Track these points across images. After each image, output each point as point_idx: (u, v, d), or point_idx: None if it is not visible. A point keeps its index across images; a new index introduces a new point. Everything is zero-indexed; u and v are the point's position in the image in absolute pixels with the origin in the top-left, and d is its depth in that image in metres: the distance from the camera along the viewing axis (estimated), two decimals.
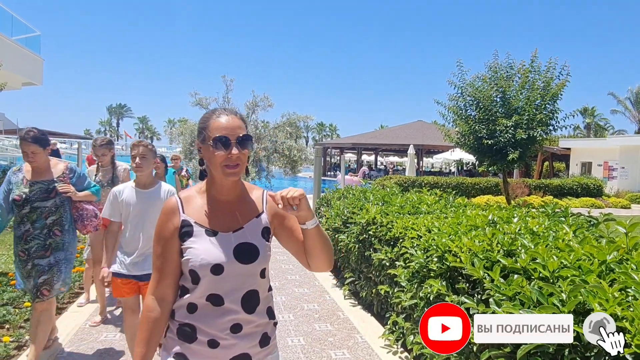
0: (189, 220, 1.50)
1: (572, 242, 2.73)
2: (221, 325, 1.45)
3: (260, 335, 1.53)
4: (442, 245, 3.16)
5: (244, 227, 1.52)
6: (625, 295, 1.90)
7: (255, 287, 1.51)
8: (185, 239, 1.48)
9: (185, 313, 1.48)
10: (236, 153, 1.44)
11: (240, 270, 1.47)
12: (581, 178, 21.58)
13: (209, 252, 1.45)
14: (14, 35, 14.45)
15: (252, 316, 1.49)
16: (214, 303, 1.46)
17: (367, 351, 3.87)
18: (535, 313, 1.99)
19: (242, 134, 1.47)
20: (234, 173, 1.46)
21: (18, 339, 3.78)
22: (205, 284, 1.45)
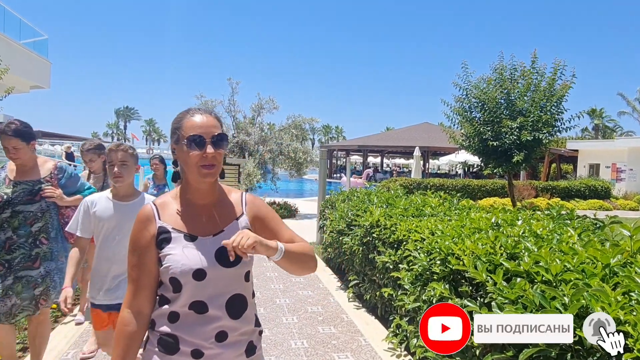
0: (165, 227, 1.44)
1: (576, 245, 2.71)
2: (205, 334, 1.39)
3: (246, 344, 1.47)
4: (445, 248, 3.14)
5: (225, 229, 1.46)
6: (628, 299, 1.89)
7: (240, 291, 1.46)
8: (164, 246, 1.42)
9: (167, 323, 1.41)
10: (211, 152, 1.39)
11: (223, 274, 1.41)
12: (589, 180, 21.42)
13: (189, 257, 1.39)
14: (22, 39, 14.61)
15: (237, 322, 1.44)
16: (198, 311, 1.39)
17: (371, 354, 3.85)
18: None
19: (217, 132, 1.43)
20: (210, 173, 1.41)
21: (23, 341, 3.81)
22: (188, 291, 1.38)
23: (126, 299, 1.46)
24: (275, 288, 5.72)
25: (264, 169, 13.65)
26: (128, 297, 1.45)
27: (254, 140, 13.29)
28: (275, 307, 5.01)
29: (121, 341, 1.42)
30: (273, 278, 6.18)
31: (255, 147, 13.43)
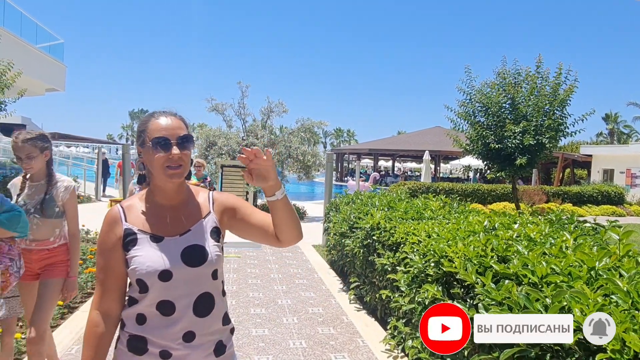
0: (132, 229, 1.44)
1: (568, 250, 2.74)
2: (173, 335, 1.39)
3: (214, 344, 1.46)
4: (439, 251, 3.18)
5: (191, 229, 1.46)
6: (608, 302, 1.91)
7: (208, 290, 1.45)
8: (130, 248, 1.42)
9: (134, 324, 1.42)
10: (177, 153, 1.40)
11: (190, 274, 1.41)
12: (602, 185, 21.13)
13: (154, 258, 1.39)
14: (38, 43, 14.94)
15: (204, 320, 1.43)
16: (164, 312, 1.39)
17: (368, 355, 3.89)
18: None
19: (183, 134, 1.43)
20: (176, 174, 1.41)
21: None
22: (155, 292, 1.39)
23: (94, 300, 1.47)
24: (278, 289, 5.79)
25: None
26: (96, 298, 1.46)
27: (262, 143, 13.40)
28: (277, 307, 5.07)
29: (91, 342, 1.43)
30: (277, 279, 6.24)
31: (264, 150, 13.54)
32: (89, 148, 41.02)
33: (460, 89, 10.41)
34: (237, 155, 13.34)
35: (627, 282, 1.98)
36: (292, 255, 7.81)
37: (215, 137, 13.31)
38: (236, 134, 13.86)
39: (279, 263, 7.22)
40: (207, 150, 13.25)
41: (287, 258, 7.60)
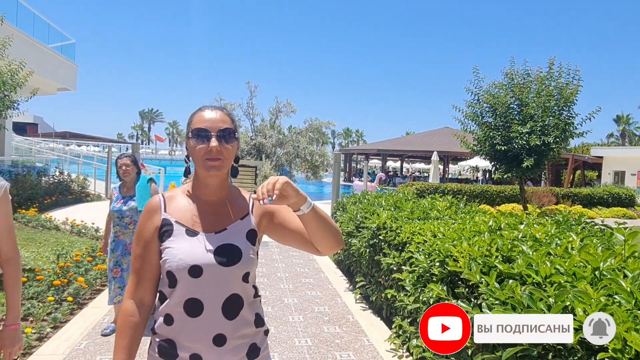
0: (169, 219, 1.42)
1: (573, 250, 2.73)
2: (202, 337, 1.35)
3: (247, 347, 1.41)
4: (444, 250, 3.19)
5: (227, 228, 1.43)
6: (611, 302, 1.91)
7: (237, 292, 1.40)
8: (165, 239, 1.40)
9: (164, 326, 1.39)
10: (215, 145, 1.36)
11: (221, 273, 1.37)
12: (612, 187, 20.92)
13: (187, 252, 1.36)
14: (50, 43, 15.12)
15: (235, 324, 1.38)
16: (192, 312, 1.36)
17: (373, 354, 3.91)
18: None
19: (224, 127, 1.40)
20: (214, 166, 1.38)
21: (40, 331, 3.99)
22: (183, 288, 1.36)
23: (129, 289, 1.45)
24: (285, 288, 5.82)
25: (282, 171, 13.81)
26: (131, 287, 1.45)
27: (271, 143, 13.45)
28: (283, 306, 5.10)
29: (127, 332, 1.41)
30: (283, 278, 6.28)
31: (273, 150, 13.60)
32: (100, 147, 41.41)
33: (468, 90, 10.40)
34: (244, 155, 13.42)
35: (631, 282, 1.98)
36: (298, 254, 7.83)
37: None
38: (245, 134, 13.95)
39: (285, 262, 7.25)
40: None
41: (294, 257, 7.63)
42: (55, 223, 9.31)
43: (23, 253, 6.97)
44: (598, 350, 1.74)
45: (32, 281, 5.08)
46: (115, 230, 4.11)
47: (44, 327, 4.07)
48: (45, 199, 12.18)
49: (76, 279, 5.23)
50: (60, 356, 3.62)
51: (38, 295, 4.74)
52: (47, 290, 4.84)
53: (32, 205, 11.02)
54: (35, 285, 4.94)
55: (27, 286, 4.93)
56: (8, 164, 14.21)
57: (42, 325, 4.09)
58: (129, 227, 4.09)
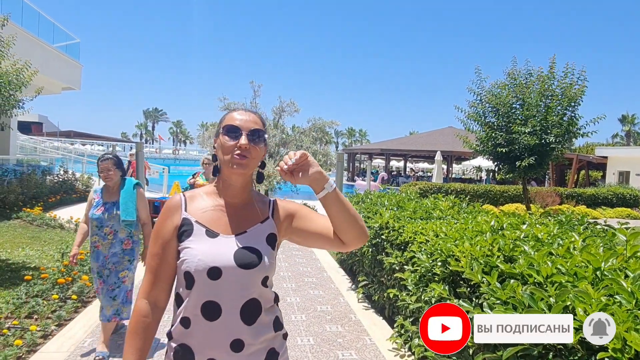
0: (189, 219, 1.40)
1: (575, 250, 2.74)
2: (219, 342, 1.32)
3: (266, 353, 1.38)
4: (446, 250, 3.20)
5: (247, 231, 1.42)
6: (612, 302, 1.92)
7: (256, 296, 1.37)
8: (184, 239, 1.38)
9: (180, 329, 1.36)
10: (245, 143, 1.36)
11: (240, 276, 1.34)
12: (616, 188, 20.84)
13: (207, 253, 1.33)
14: (55, 42, 15.19)
15: (253, 329, 1.35)
16: (210, 315, 1.32)
17: (375, 353, 3.92)
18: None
19: (255, 127, 1.40)
20: (241, 164, 1.36)
21: (44, 329, 4.02)
22: (200, 290, 1.33)
23: (143, 288, 1.41)
24: (287, 287, 5.84)
25: None
26: (146, 287, 1.41)
27: (274, 142, 13.47)
28: (286, 305, 5.12)
29: (140, 332, 1.38)
30: (286, 277, 6.29)
31: (276, 149, 13.62)
32: (104, 146, 41.59)
33: (471, 90, 10.42)
34: None
35: (631, 282, 1.99)
36: (302, 254, 7.85)
37: None
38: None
39: (288, 261, 7.27)
40: None
41: (297, 257, 7.64)
42: (59, 222, 9.36)
43: (28, 251, 7.02)
44: (598, 350, 1.75)
45: (36, 279, 5.12)
46: (93, 240, 3.66)
47: (49, 324, 4.11)
48: (49, 198, 12.25)
49: (80, 277, 5.27)
50: (64, 354, 3.65)
51: (43, 293, 4.78)
52: (52, 289, 4.88)
53: (36, 204, 11.09)
54: (39, 283, 4.98)
55: (31, 284, 4.97)
56: (13, 163, 14.27)
57: (47, 322, 4.12)
58: (108, 237, 3.62)
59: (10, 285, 5.27)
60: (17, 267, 6.11)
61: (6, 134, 14.73)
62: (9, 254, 6.84)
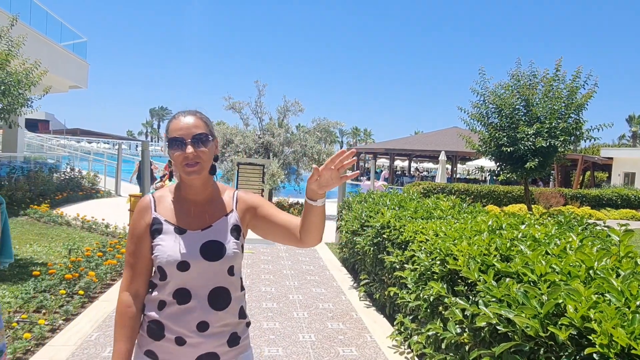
0: (159, 218, 1.53)
1: (571, 250, 2.79)
2: (187, 324, 1.47)
3: (228, 335, 1.53)
4: (445, 249, 3.26)
5: (213, 225, 1.54)
6: (602, 299, 1.98)
7: (223, 284, 1.52)
8: (155, 236, 1.51)
9: (155, 309, 1.51)
10: (191, 152, 1.46)
11: (206, 267, 1.48)
12: (621, 189, 20.78)
13: (175, 249, 1.48)
14: (62, 41, 15.34)
15: (220, 314, 1.50)
16: (181, 300, 1.47)
17: (375, 350, 3.99)
18: (516, 312, 2.09)
19: (198, 132, 1.49)
20: (193, 171, 1.48)
21: (52, 323, 4.12)
22: (173, 280, 1.48)
23: (123, 283, 1.55)
24: (290, 285, 5.92)
25: (288, 170, 13.90)
26: (125, 282, 1.54)
27: (279, 142, 13.56)
28: (288, 302, 5.20)
29: (126, 322, 1.50)
30: (289, 275, 6.37)
31: (280, 148, 13.70)
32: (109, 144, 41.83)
33: (474, 90, 10.43)
34: (252, 153, 13.54)
35: (622, 281, 2.04)
36: (304, 252, 7.92)
37: (232, 135, 13.53)
38: (253, 132, 14.05)
39: (291, 260, 7.34)
40: (224, 148, 13.45)
41: (300, 255, 7.72)
42: (66, 219, 9.49)
43: (35, 248, 7.14)
44: (587, 345, 1.81)
45: (44, 275, 5.22)
46: None
47: (57, 319, 4.20)
48: (56, 195, 12.40)
49: (87, 273, 5.37)
50: (72, 347, 3.75)
51: (50, 288, 4.88)
52: (59, 284, 4.98)
53: (43, 201, 11.23)
54: (47, 278, 5.08)
55: (39, 279, 5.08)
56: (20, 160, 14.44)
57: (55, 317, 4.22)
58: None
59: (18, 280, 5.38)
60: (25, 262, 6.23)
61: (14, 132, 14.90)
62: (17, 250, 6.96)
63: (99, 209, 11.54)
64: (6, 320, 4.04)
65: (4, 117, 6.15)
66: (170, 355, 1.49)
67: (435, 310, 3.30)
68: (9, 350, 3.48)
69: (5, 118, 6.17)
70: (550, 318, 2.01)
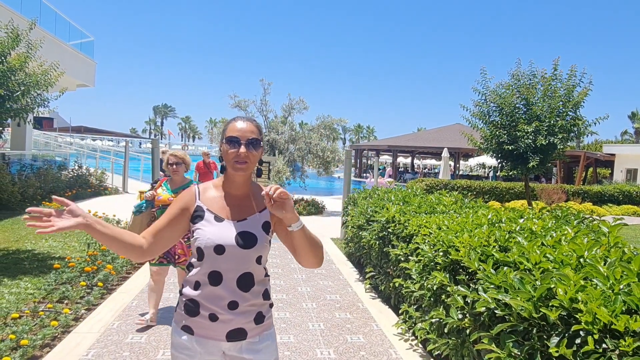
0: (202, 206, 1.75)
1: (563, 241, 3.00)
2: (220, 302, 1.68)
3: (255, 314, 1.74)
4: (447, 241, 3.47)
5: (247, 218, 1.75)
6: (590, 284, 2.19)
7: (250, 270, 1.72)
8: (197, 221, 1.72)
9: (192, 289, 1.72)
10: (243, 151, 1.68)
11: (239, 253, 1.68)
12: (623, 185, 20.92)
13: (214, 234, 1.68)
14: (70, 40, 15.58)
15: (247, 294, 1.71)
16: (214, 281, 1.68)
17: (381, 337, 4.22)
18: (512, 296, 2.30)
19: (252, 137, 1.71)
20: (241, 169, 1.69)
21: (75, 312, 4.36)
22: (209, 261, 1.68)
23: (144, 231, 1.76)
24: (298, 278, 6.14)
25: (294, 167, 14.12)
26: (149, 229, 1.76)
27: (284, 139, 13.77)
28: (297, 294, 5.42)
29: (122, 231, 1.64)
30: (297, 269, 6.60)
31: (286, 146, 13.91)
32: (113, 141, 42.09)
33: (476, 90, 10.68)
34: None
35: (607, 267, 2.25)
36: None
37: None
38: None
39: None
40: None
41: None
42: None
43: (51, 243, 7.39)
44: (574, 324, 2.02)
45: (64, 268, 5.46)
46: None
47: (79, 308, 4.44)
48: (66, 192, 12.66)
49: (104, 266, 5.61)
50: (96, 334, 3.98)
51: (71, 280, 5.12)
52: (79, 276, 5.22)
53: None
54: (67, 271, 5.32)
55: (59, 272, 5.32)
56: (29, 158, 14.70)
57: (77, 307, 4.45)
58: None
59: (39, 273, 5.62)
60: (43, 257, 6.47)
61: (22, 130, 15.16)
62: (33, 244, 7.21)
63: (108, 206, 11.80)
64: (32, 310, 4.28)
65: (23, 117, 6.38)
66: (204, 330, 1.71)
67: (438, 298, 3.52)
68: (39, 336, 3.71)
69: (24, 118, 6.40)
70: (543, 301, 2.22)
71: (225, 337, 1.71)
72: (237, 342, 1.74)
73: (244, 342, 1.75)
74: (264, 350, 1.79)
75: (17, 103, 6.13)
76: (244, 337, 1.73)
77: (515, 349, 2.23)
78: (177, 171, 4.32)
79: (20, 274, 5.56)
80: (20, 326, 3.84)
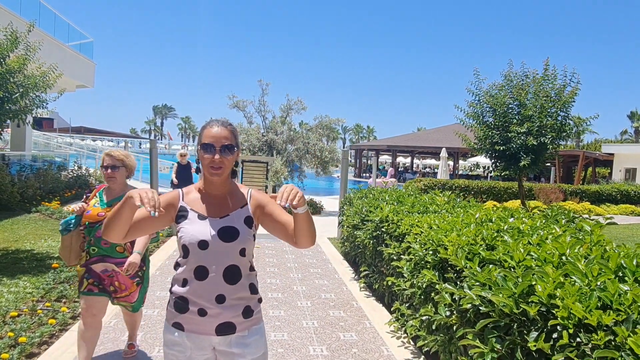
0: (186, 207, 1.85)
1: (548, 240, 3.07)
2: (207, 296, 1.75)
3: (243, 307, 1.81)
4: (437, 240, 3.54)
5: (230, 214, 1.84)
6: (569, 281, 2.26)
7: (235, 263, 1.80)
8: (181, 221, 1.81)
9: (179, 287, 1.80)
10: (218, 158, 1.76)
11: (222, 247, 1.77)
12: (621, 185, 20.98)
13: (197, 231, 1.77)
14: (69, 41, 15.65)
15: (233, 287, 1.78)
16: (200, 276, 1.76)
17: (373, 334, 4.29)
18: (495, 294, 2.37)
19: (226, 143, 1.79)
20: (217, 174, 1.79)
21: (73, 311, 4.43)
22: (194, 257, 1.76)
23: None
24: (294, 277, 6.21)
25: (292, 167, 14.20)
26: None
27: (282, 139, 13.84)
28: (292, 292, 5.50)
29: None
30: (293, 268, 6.67)
31: (284, 146, 13.99)
32: (113, 142, 42.18)
33: (470, 90, 10.82)
34: (256, 151, 13.84)
35: (586, 265, 2.32)
36: None
37: None
38: (256, 130, 14.34)
39: (295, 253, 7.64)
40: None
41: (303, 249, 8.01)
42: None
43: (50, 242, 7.46)
44: (552, 319, 2.09)
45: (63, 267, 5.54)
46: None
47: (77, 307, 4.51)
48: (65, 192, 12.73)
49: None
50: None
51: (69, 279, 5.20)
52: (77, 276, 5.29)
53: (53, 198, 11.57)
54: (65, 270, 5.39)
55: (57, 271, 5.39)
56: (29, 159, 14.78)
57: (75, 305, 4.52)
58: None
59: (37, 272, 5.69)
60: (42, 256, 6.54)
61: (22, 131, 15.23)
62: (32, 244, 7.28)
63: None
64: (30, 308, 4.35)
65: (22, 118, 6.46)
66: (194, 326, 1.78)
67: (428, 296, 3.59)
68: (37, 334, 3.78)
69: (22, 119, 6.47)
70: (524, 297, 2.29)
71: (214, 332, 1.79)
72: (227, 337, 1.81)
73: (233, 336, 1.82)
74: (253, 344, 1.87)
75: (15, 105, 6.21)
76: (233, 331, 1.81)
77: (498, 344, 2.30)
78: (114, 176, 3.28)
79: (19, 273, 5.64)
80: (18, 324, 3.92)
